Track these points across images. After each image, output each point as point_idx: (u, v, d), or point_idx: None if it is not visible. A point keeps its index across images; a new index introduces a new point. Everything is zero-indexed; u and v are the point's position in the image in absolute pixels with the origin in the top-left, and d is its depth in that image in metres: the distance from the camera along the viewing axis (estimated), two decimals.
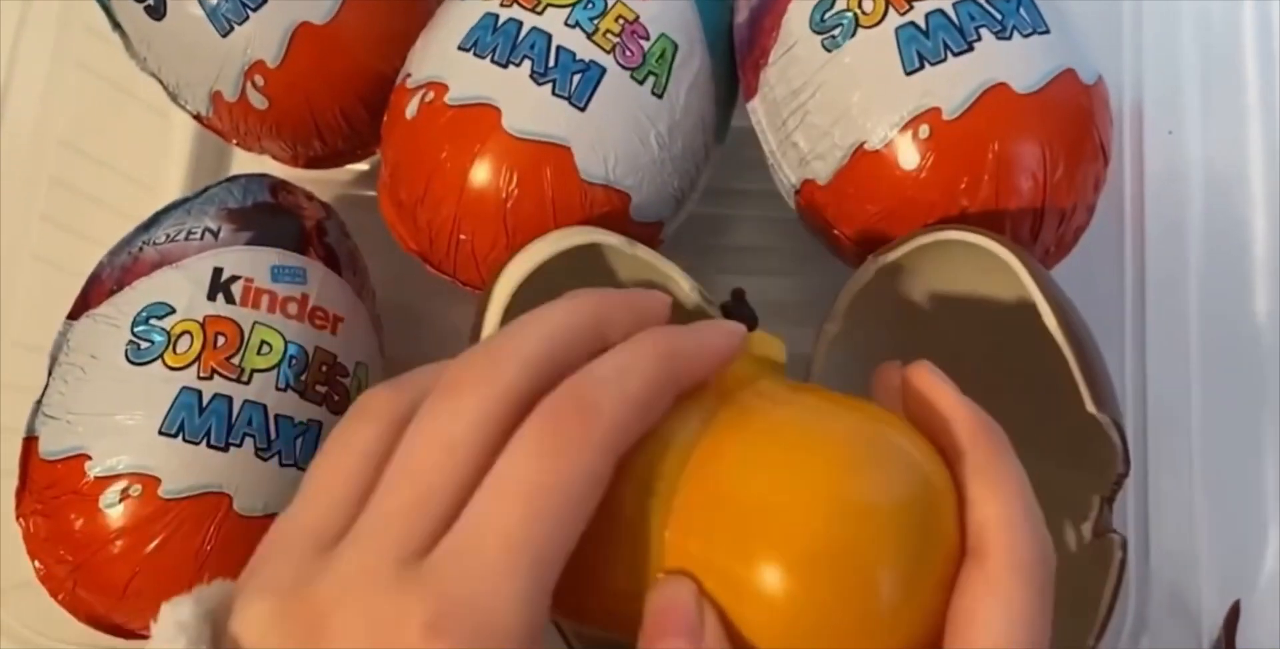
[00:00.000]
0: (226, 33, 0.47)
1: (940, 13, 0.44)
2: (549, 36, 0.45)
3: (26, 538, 0.44)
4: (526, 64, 0.44)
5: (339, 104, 0.50)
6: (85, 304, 0.46)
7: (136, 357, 0.43)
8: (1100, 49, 0.47)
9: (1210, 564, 0.46)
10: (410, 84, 0.46)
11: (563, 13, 0.45)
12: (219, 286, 0.44)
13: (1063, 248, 0.47)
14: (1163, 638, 0.45)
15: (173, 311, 0.44)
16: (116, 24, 0.50)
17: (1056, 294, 0.41)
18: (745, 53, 0.48)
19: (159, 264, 0.45)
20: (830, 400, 0.34)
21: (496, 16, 0.45)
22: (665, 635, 0.28)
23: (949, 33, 0.43)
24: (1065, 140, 0.44)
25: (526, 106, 0.44)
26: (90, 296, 0.46)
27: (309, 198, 0.50)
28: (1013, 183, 0.43)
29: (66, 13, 0.56)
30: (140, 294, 0.44)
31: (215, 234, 0.46)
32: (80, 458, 0.42)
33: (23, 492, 0.44)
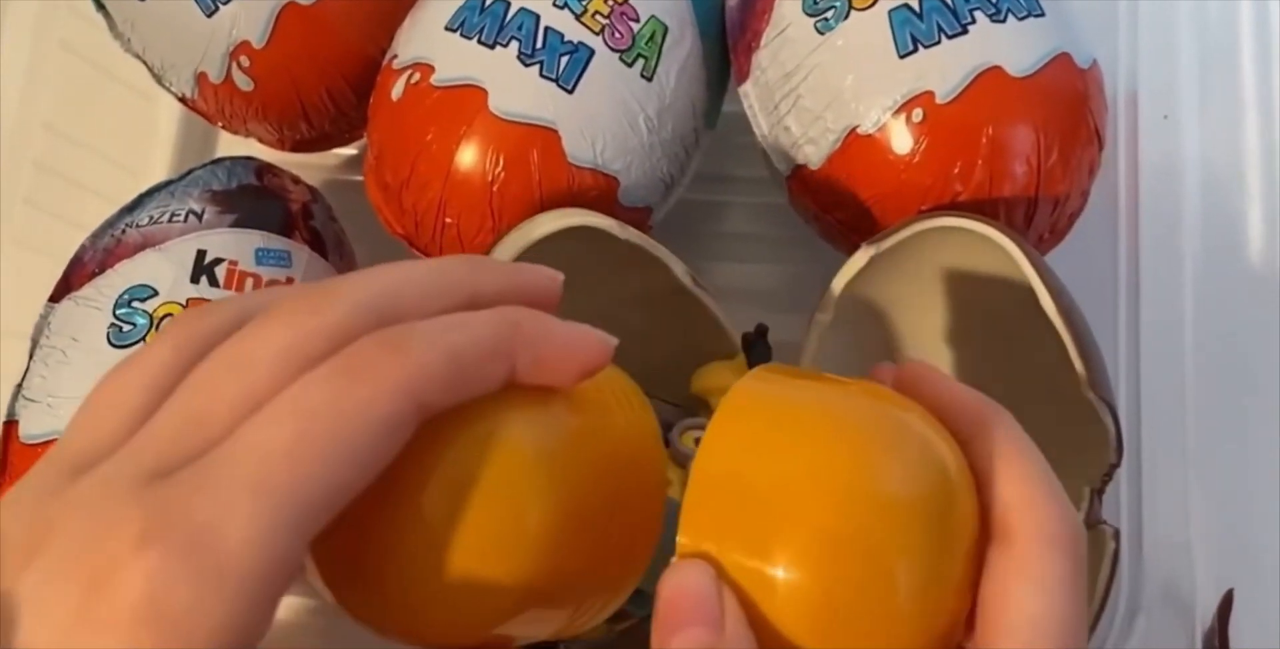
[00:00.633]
0: (211, 13, 0.47)
1: None
2: (537, 17, 0.44)
3: None
4: (514, 45, 0.44)
5: (325, 85, 0.49)
6: (67, 286, 0.45)
7: (119, 339, 0.43)
8: (1095, 33, 0.46)
9: (1203, 553, 0.46)
10: (396, 65, 0.46)
11: None
12: (202, 269, 0.44)
13: (1057, 234, 0.46)
14: (1155, 627, 0.45)
15: (155, 294, 0.43)
16: (100, 4, 0.50)
17: (1053, 279, 0.41)
18: (737, 36, 0.48)
19: (142, 246, 0.45)
20: (840, 384, 0.33)
21: None
22: (684, 625, 0.26)
23: (943, 15, 0.43)
24: (1060, 125, 0.43)
25: (513, 88, 0.44)
26: (72, 279, 0.45)
27: (295, 181, 0.49)
28: (1007, 167, 0.43)
29: None
30: (123, 276, 0.44)
31: (199, 216, 0.45)
32: None
33: (2, 476, 0.43)
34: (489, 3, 0.45)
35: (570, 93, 0.44)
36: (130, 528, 0.22)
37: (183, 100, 0.52)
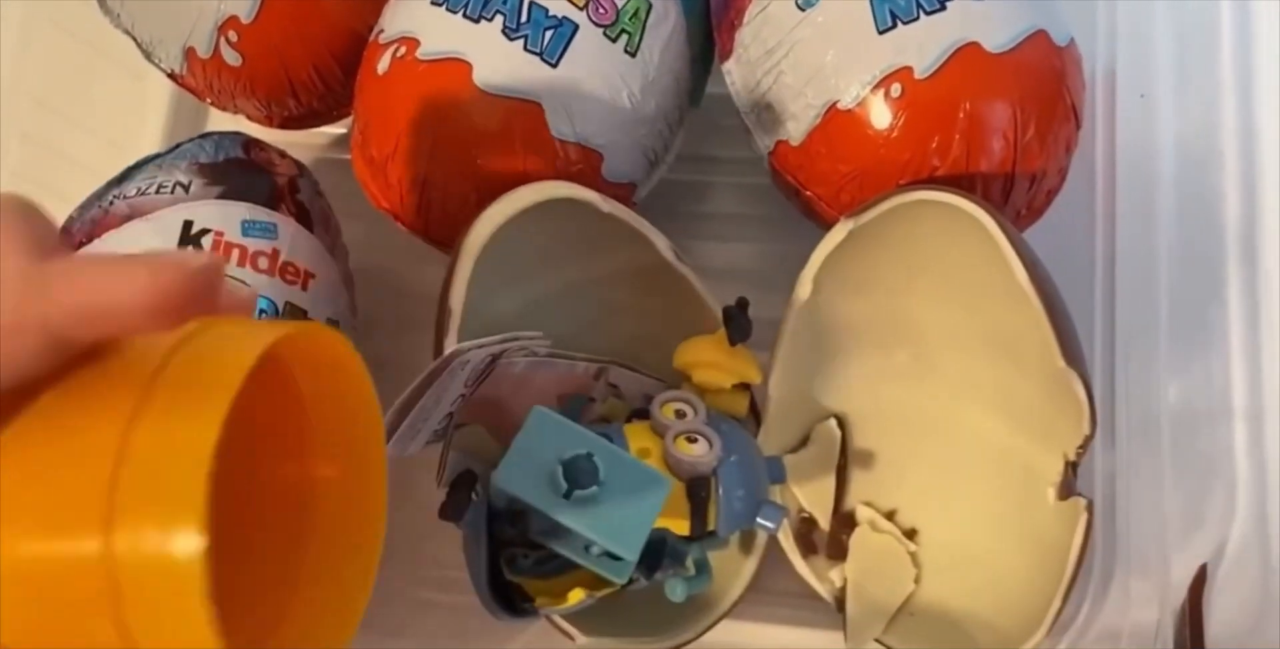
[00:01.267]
0: None
1: None
2: None
3: None
4: (499, 19, 0.44)
5: (313, 61, 0.50)
6: None
7: None
8: (1073, 11, 0.47)
9: (1177, 529, 0.46)
10: (383, 39, 0.46)
11: None
12: (189, 239, 0.44)
13: (1034, 211, 0.47)
14: (1129, 602, 0.45)
15: None
16: None
17: (1027, 252, 0.41)
18: (720, 13, 0.48)
19: (129, 217, 0.45)
20: None
21: None
22: None
23: None
24: (1037, 101, 0.44)
25: (498, 62, 0.44)
26: None
27: (282, 155, 0.50)
28: (984, 143, 0.43)
29: None
30: (109, 247, 0.44)
31: (186, 188, 0.46)
32: None
33: None
34: None
35: (554, 67, 0.44)
36: None
37: (171, 76, 0.52)
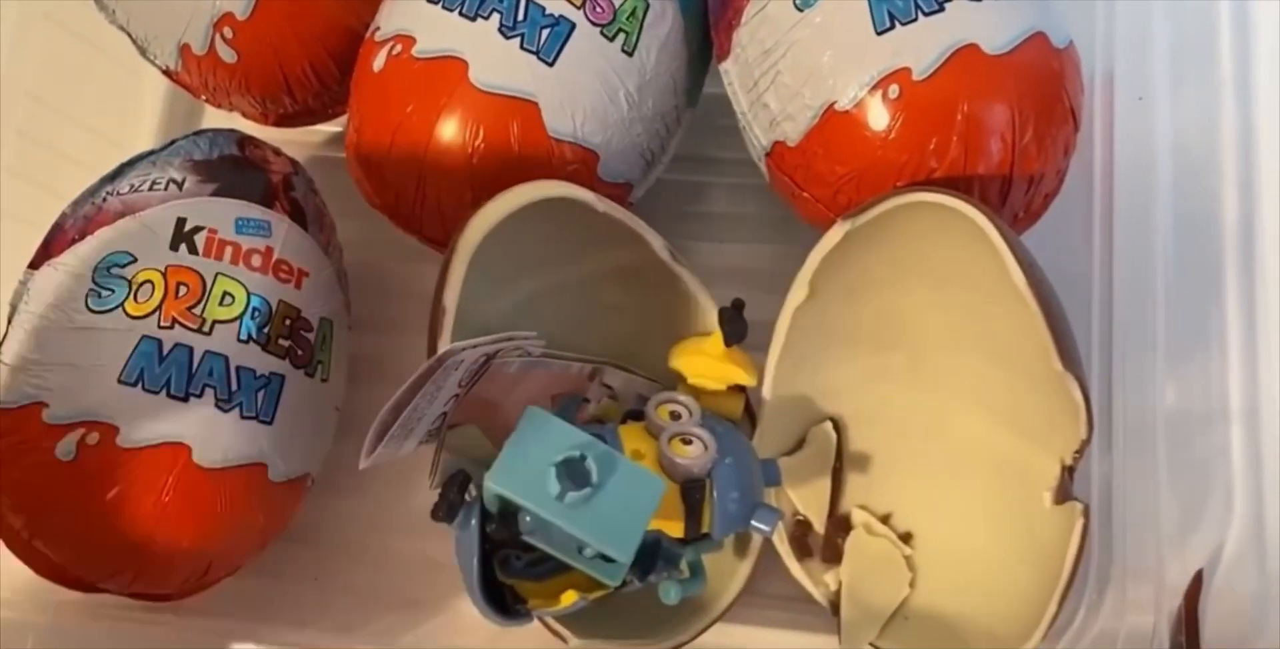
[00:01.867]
0: None
1: None
2: None
3: None
4: (495, 17, 0.44)
5: (308, 58, 0.49)
6: (47, 253, 0.45)
7: (97, 305, 0.43)
8: (1071, 14, 0.47)
9: (1173, 534, 0.46)
10: (378, 37, 0.46)
11: None
12: (182, 237, 0.44)
13: (1031, 214, 0.46)
14: (1125, 606, 0.45)
15: (134, 261, 0.44)
16: None
17: (1024, 254, 0.41)
18: (718, 13, 0.48)
19: (122, 214, 0.45)
20: None
21: None
22: None
23: None
24: (1035, 103, 0.43)
25: (494, 60, 0.44)
26: (52, 246, 0.45)
27: (276, 153, 0.49)
28: (982, 145, 0.43)
29: None
30: (102, 243, 0.44)
31: (180, 185, 0.46)
32: (37, 406, 0.42)
33: None
34: None
35: (551, 66, 0.44)
36: None
37: (166, 73, 0.52)
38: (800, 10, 0.44)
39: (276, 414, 0.44)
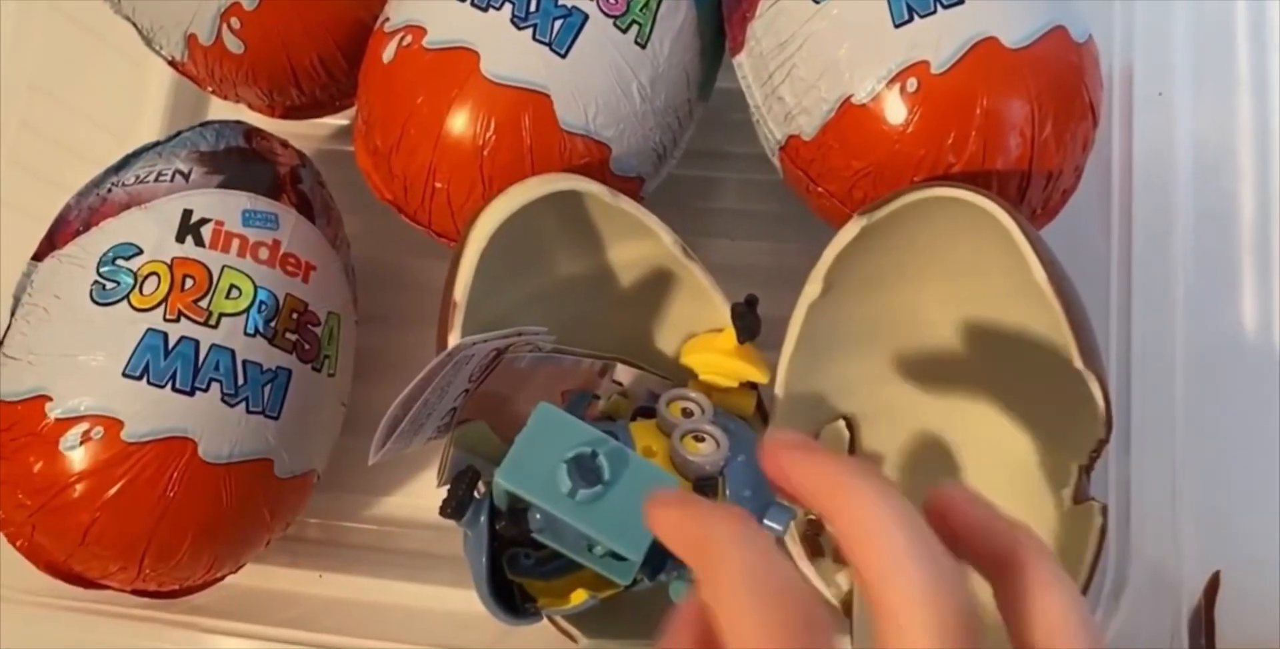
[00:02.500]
0: None
1: None
2: None
3: None
4: (507, 8, 0.44)
5: (316, 49, 0.49)
6: (51, 245, 0.45)
7: (101, 297, 0.42)
8: (1089, 8, 0.46)
9: (1190, 531, 0.45)
10: (388, 28, 0.46)
11: None
12: (188, 229, 0.44)
13: (1049, 211, 0.46)
14: (1141, 603, 0.44)
15: (140, 252, 0.43)
16: None
17: (1046, 251, 0.40)
18: (732, 6, 0.47)
19: (127, 205, 0.44)
20: None
21: None
22: None
23: None
24: (1054, 98, 0.43)
25: (506, 51, 0.43)
26: (56, 238, 0.45)
27: (284, 145, 0.49)
28: (1000, 140, 0.42)
29: None
30: (107, 235, 0.44)
31: (186, 176, 0.45)
32: (41, 399, 0.41)
33: None
34: None
35: (563, 57, 0.44)
36: None
37: (172, 64, 0.51)
38: (817, 2, 0.44)
39: (283, 409, 0.44)
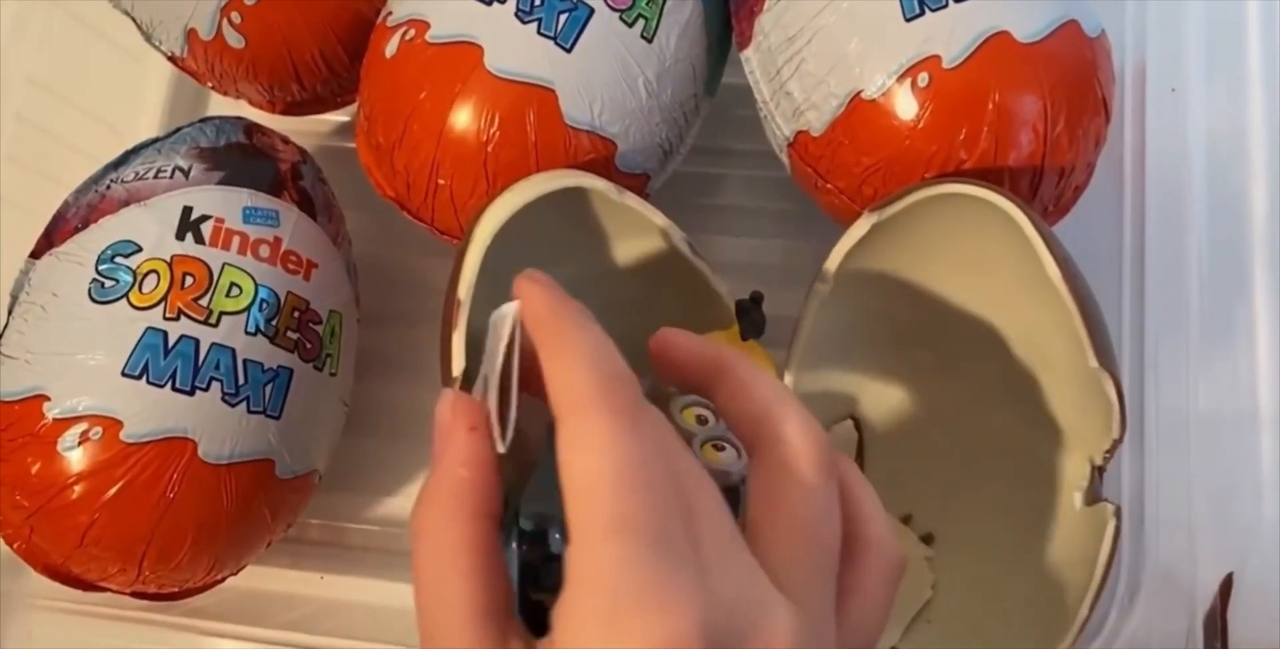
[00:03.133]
0: None
1: None
2: None
3: None
4: (511, 2, 0.43)
5: (318, 44, 0.48)
6: (49, 242, 0.44)
7: (100, 295, 0.42)
8: (1103, 3, 0.45)
9: (1204, 533, 0.45)
10: (390, 22, 0.45)
11: None
12: (188, 226, 0.43)
13: (1061, 208, 0.45)
14: (1156, 608, 0.44)
15: (139, 250, 0.42)
16: None
17: (1059, 248, 0.40)
18: (740, 1, 0.47)
19: (126, 202, 0.44)
20: None
21: None
22: None
23: None
24: (1067, 93, 0.42)
25: (510, 46, 0.43)
26: (54, 235, 0.44)
27: (284, 141, 0.48)
28: (1013, 135, 0.42)
29: None
30: (106, 232, 0.43)
31: (186, 173, 0.44)
32: (38, 398, 0.41)
33: None
34: None
35: (569, 52, 0.43)
36: None
37: (172, 59, 0.51)
38: None
39: (284, 409, 0.43)
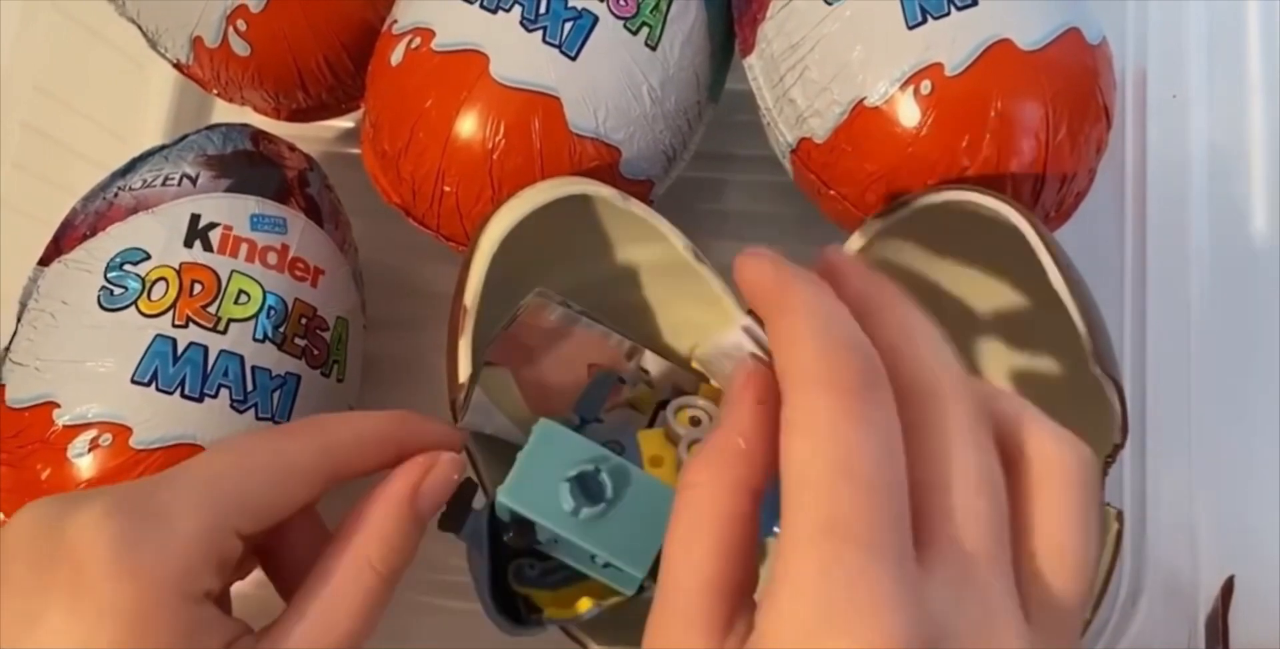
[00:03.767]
0: None
1: None
2: None
3: None
4: (516, 10, 0.43)
5: (323, 52, 0.48)
6: (57, 250, 0.44)
7: (109, 302, 0.42)
8: (1105, 10, 0.46)
9: (1206, 537, 0.45)
10: (396, 30, 0.45)
11: None
12: (196, 233, 0.43)
13: (1063, 214, 0.46)
14: (1157, 611, 0.44)
15: (148, 257, 0.42)
16: None
17: (1062, 255, 0.40)
18: (743, 7, 0.47)
19: (135, 209, 0.44)
20: None
21: None
22: None
23: None
24: (1069, 100, 0.43)
25: (515, 54, 0.43)
26: (62, 242, 0.44)
27: (291, 148, 0.48)
28: (1015, 143, 0.42)
29: None
30: (114, 240, 0.43)
31: (194, 180, 0.45)
32: (48, 405, 0.41)
33: None
34: None
35: (573, 60, 0.43)
36: None
37: (177, 66, 0.51)
38: (829, 4, 0.43)
39: (292, 415, 0.43)
